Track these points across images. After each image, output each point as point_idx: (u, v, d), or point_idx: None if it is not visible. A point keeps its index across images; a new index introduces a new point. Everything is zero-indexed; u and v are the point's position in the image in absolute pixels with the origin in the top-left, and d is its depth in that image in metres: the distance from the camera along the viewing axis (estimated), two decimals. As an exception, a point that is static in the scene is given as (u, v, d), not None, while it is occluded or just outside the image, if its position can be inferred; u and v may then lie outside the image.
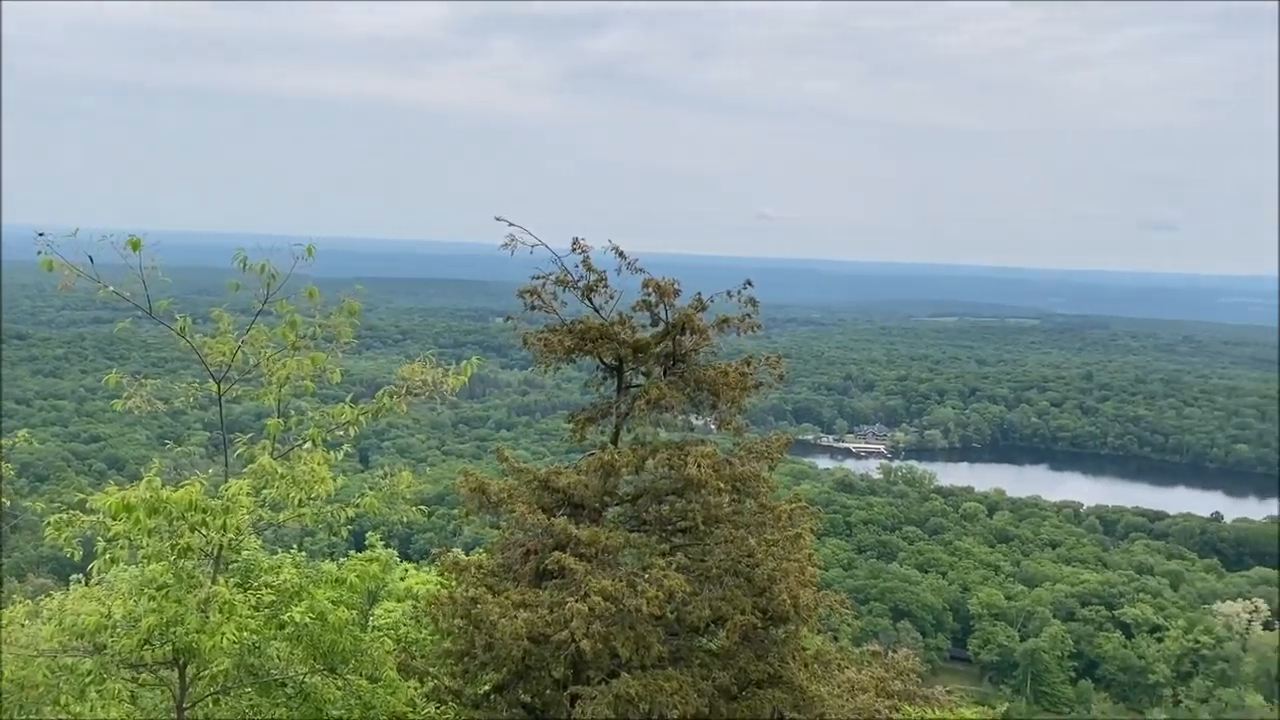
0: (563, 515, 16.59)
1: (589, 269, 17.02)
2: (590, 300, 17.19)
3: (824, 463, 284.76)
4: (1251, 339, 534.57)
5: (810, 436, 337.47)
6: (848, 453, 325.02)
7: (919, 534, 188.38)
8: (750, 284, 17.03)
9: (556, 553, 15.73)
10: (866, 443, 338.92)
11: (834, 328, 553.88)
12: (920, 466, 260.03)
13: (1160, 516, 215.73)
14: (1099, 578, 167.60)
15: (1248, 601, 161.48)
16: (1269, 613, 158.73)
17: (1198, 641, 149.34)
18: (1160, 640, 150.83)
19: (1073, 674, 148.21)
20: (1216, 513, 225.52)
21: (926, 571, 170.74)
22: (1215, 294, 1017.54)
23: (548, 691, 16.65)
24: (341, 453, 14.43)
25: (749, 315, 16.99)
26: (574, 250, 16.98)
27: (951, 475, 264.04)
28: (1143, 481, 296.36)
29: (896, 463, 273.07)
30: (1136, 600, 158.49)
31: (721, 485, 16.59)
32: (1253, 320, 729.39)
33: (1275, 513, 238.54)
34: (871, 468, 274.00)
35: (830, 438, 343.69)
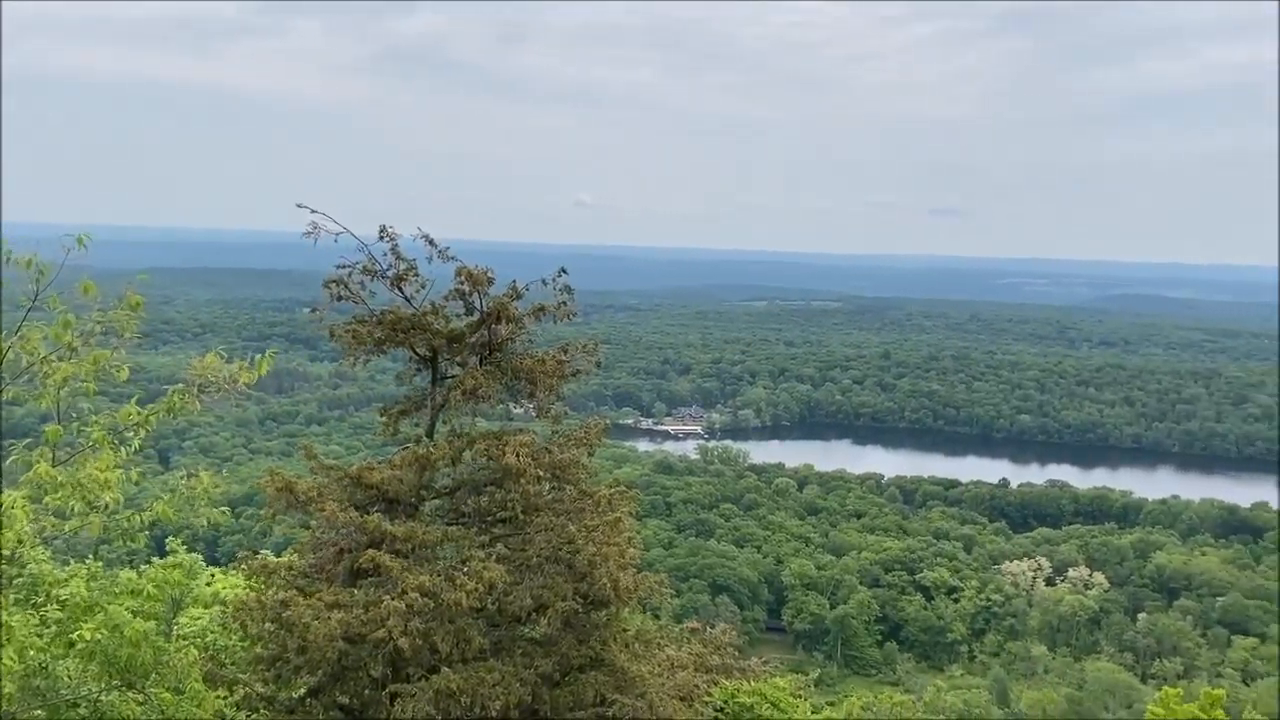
0: (376, 512, 16.20)
1: (398, 257, 16.61)
2: (400, 290, 16.80)
3: (644, 446, 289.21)
4: (1031, 316, 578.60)
5: (630, 420, 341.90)
6: (666, 435, 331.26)
7: (735, 511, 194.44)
8: (565, 271, 17.03)
9: (370, 550, 15.35)
10: (684, 424, 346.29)
11: (651, 313, 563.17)
12: (735, 446, 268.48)
13: (954, 484, 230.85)
14: (900, 544, 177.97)
15: (1032, 560, 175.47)
16: (1050, 569, 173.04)
17: (989, 600, 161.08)
18: (956, 600, 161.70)
19: (879, 637, 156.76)
20: (1004, 479, 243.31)
21: (743, 546, 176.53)
22: (996, 275, 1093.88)
23: (366, 692, 16.27)
24: (131, 449, 13.48)
25: (565, 303, 16.98)
26: (382, 238, 16.54)
27: (764, 453, 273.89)
28: (937, 452, 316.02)
29: (713, 443, 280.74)
30: (935, 564, 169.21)
31: (540, 473, 16.59)
32: (1030, 299, 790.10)
33: (1057, 478, 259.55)
34: (689, 449, 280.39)
35: (649, 421, 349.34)
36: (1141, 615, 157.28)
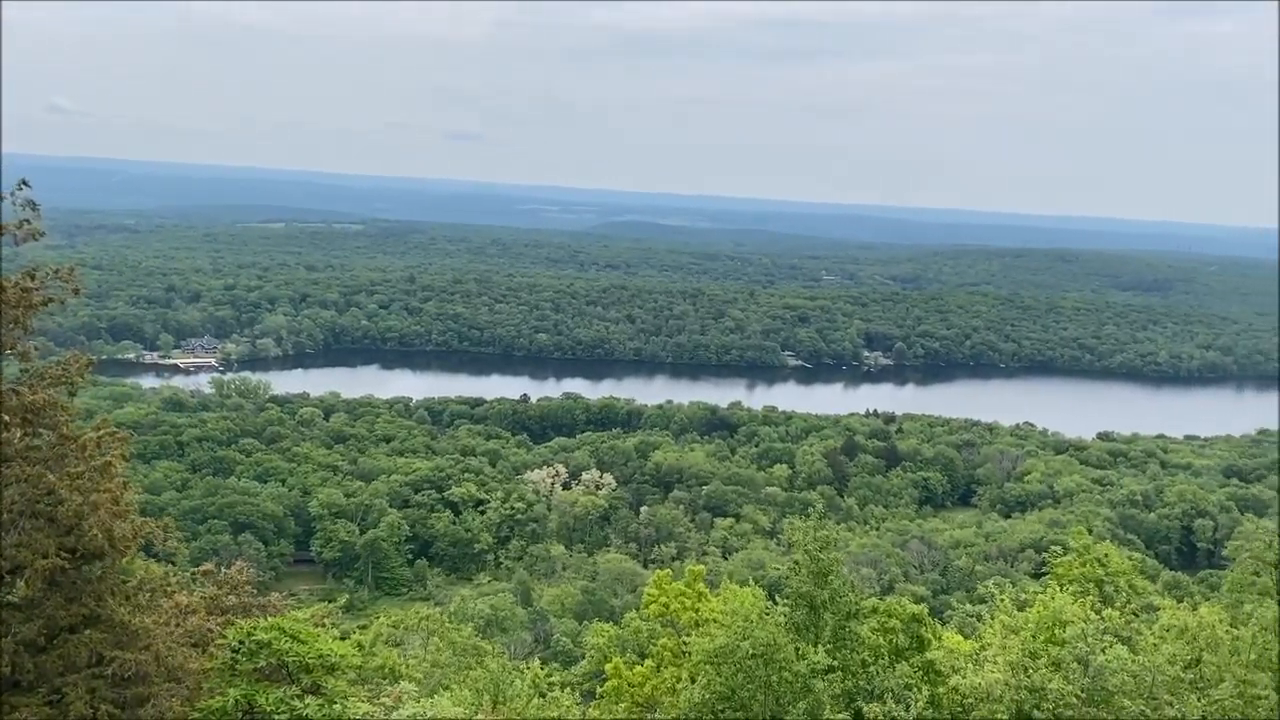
0: None
1: None
2: None
3: (149, 382, 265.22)
4: (546, 241, 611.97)
5: (132, 355, 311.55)
6: (175, 369, 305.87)
7: (257, 445, 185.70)
8: (26, 184, 14.97)
9: None
10: (195, 357, 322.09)
11: (152, 235, 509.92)
12: (255, 377, 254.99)
13: (479, 402, 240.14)
14: (429, 464, 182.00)
15: (551, 468, 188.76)
16: (567, 475, 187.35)
17: (513, 508, 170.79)
18: (483, 513, 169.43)
19: (410, 556, 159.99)
20: (524, 395, 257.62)
21: (266, 481, 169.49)
22: (514, 201, 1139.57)
23: None
24: None
25: (28, 221, 14.98)
26: None
27: (287, 383, 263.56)
28: (463, 373, 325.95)
29: (229, 375, 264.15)
30: (462, 480, 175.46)
31: (8, 418, 14.63)
32: (545, 224, 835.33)
33: (571, 391, 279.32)
34: (203, 382, 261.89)
35: (155, 355, 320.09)
36: (644, 508, 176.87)
